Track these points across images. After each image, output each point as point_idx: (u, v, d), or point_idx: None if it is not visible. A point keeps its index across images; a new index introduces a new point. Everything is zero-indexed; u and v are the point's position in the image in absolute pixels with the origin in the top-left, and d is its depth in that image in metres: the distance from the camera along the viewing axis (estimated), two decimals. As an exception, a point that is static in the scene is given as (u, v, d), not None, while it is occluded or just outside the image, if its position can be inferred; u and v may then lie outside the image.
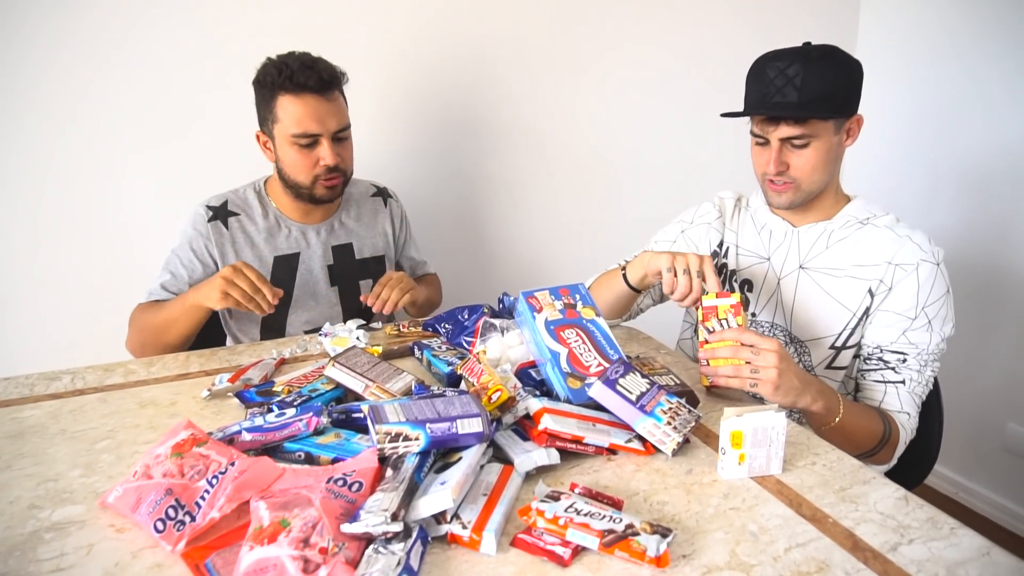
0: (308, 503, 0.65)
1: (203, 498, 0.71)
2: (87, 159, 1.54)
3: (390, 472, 0.71)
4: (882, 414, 1.07)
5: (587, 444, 0.82)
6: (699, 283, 1.04)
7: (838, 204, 1.19)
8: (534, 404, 0.85)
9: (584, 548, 0.66)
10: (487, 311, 1.24)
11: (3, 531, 0.71)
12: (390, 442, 0.73)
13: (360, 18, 1.69)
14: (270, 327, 1.43)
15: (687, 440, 0.86)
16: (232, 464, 0.74)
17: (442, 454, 0.78)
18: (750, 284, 1.25)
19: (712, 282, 1.03)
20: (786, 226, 1.22)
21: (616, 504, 0.73)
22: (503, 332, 1.06)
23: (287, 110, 1.29)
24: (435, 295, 1.63)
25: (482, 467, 0.77)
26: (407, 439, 0.74)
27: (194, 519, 0.69)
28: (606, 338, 1.00)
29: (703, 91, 2.09)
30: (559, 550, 0.65)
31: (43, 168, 1.52)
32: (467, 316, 1.26)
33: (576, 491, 0.73)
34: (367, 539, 0.64)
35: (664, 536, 0.65)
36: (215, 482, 0.72)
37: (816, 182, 1.12)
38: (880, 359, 1.11)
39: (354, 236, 1.50)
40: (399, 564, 0.60)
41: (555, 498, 0.69)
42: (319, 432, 0.84)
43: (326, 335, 1.23)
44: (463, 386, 0.95)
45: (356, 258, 1.50)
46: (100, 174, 1.56)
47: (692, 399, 0.97)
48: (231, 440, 0.81)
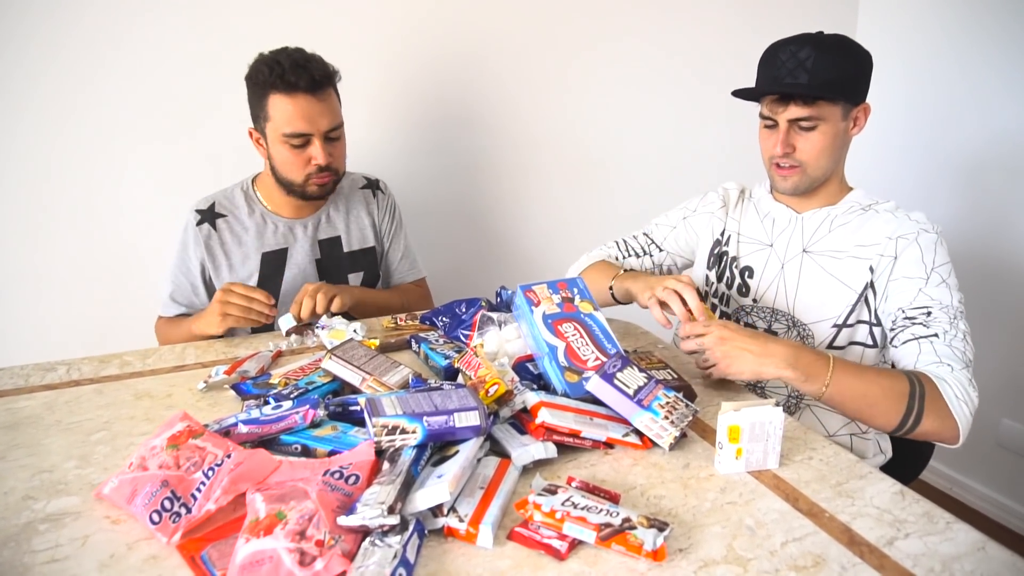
0: (304, 496, 0.65)
1: (199, 490, 0.70)
2: (83, 153, 1.54)
3: (387, 465, 0.71)
4: (907, 373, 0.98)
5: (584, 438, 0.82)
6: (684, 313, 1.04)
7: (841, 192, 1.21)
8: (531, 398, 0.85)
9: (581, 542, 0.66)
10: (484, 305, 1.24)
11: (-2, 522, 0.71)
12: (387, 435, 0.73)
13: (356, 12, 1.68)
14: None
15: (684, 434, 0.86)
16: (228, 456, 0.73)
17: (439, 447, 0.78)
18: (751, 271, 1.26)
19: (696, 308, 1.03)
20: (790, 213, 1.23)
21: (613, 498, 0.73)
22: (500, 326, 1.06)
23: (278, 109, 1.28)
24: (413, 302, 1.55)
25: (479, 460, 0.77)
26: (404, 432, 0.73)
27: (190, 511, 0.69)
28: (604, 332, 1.00)
29: (700, 87, 2.09)
30: (556, 543, 0.65)
31: (40, 161, 1.51)
32: (464, 309, 1.25)
33: (573, 485, 0.73)
34: (364, 532, 0.64)
35: (661, 530, 0.65)
36: (211, 474, 0.71)
37: (822, 167, 1.14)
38: (906, 319, 1.05)
39: (342, 229, 1.49)
40: (395, 557, 0.60)
41: (552, 492, 0.69)
42: (316, 425, 0.84)
43: (323, 328, 1.23)
44: (460, 379, 0.95)
45: (344, 251, 1.49)
46: (96, 168, 1.56)
47: (689, 393, 0.97)
48: (227, 432, 0.81)
